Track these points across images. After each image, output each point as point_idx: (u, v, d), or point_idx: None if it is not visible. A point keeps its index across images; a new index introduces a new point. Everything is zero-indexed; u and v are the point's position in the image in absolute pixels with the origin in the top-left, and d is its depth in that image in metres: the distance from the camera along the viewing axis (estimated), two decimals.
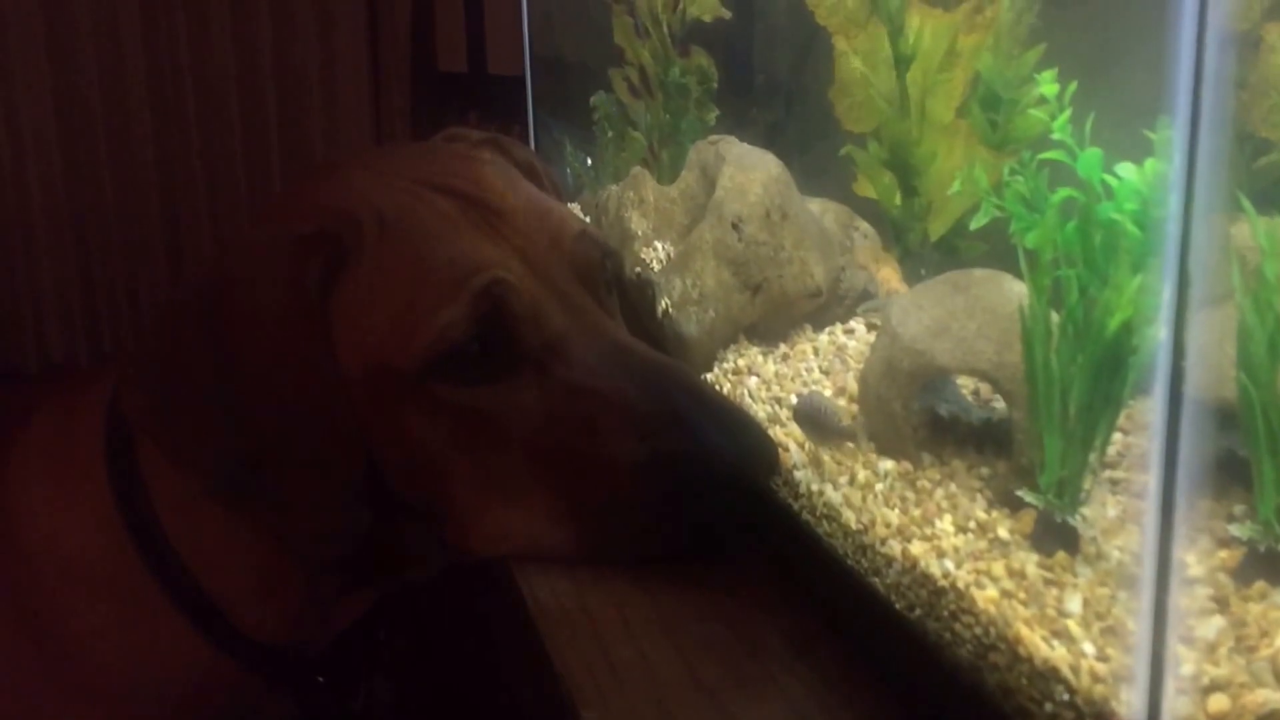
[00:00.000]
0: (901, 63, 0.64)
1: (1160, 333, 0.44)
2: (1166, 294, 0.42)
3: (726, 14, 0.85)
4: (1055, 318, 0.53)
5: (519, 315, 0.62)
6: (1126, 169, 0.53)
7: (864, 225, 0.78)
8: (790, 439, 0.65)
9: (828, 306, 0.75)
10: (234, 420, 0.63)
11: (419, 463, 0.65)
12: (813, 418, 0.64)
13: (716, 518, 0.63)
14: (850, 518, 0.59)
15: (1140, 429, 0.60)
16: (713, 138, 0.80)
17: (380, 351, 0.63)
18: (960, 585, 0.53)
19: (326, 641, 0.79)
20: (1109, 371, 0.51)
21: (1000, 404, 0.63)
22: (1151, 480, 0.43)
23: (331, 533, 0.65)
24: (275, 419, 0.63)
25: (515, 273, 0.63)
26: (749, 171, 0.73)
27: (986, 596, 0.52)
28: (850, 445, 0.62)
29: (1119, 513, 0.55)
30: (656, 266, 0.81)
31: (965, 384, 0.65)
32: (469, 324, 0.61)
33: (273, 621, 0.75)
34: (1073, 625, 0.49)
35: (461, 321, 0.61)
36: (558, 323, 0.63)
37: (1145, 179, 0.53)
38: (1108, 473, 0.56)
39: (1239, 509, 0.50)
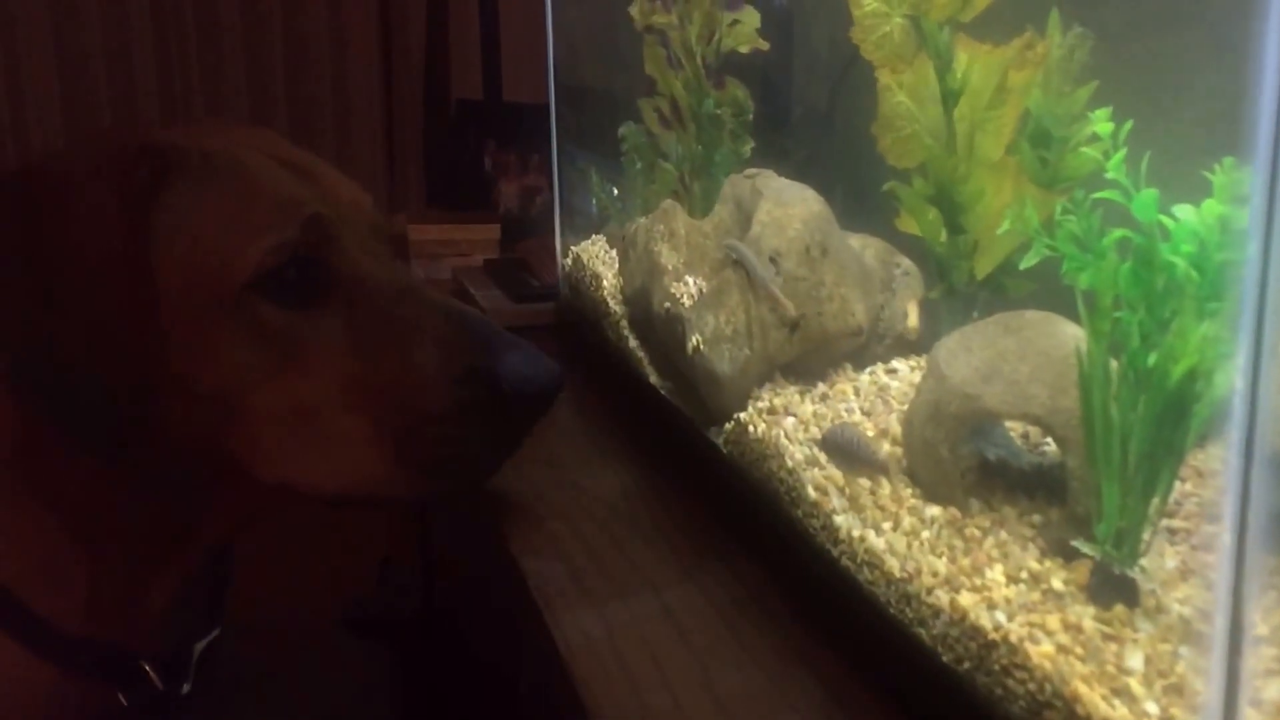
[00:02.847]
0: (949, 98, 0.62)
1: (1233, 381, 0.43)
2: (1244, 342, 0.40)
3: (764, 45, 0.84)
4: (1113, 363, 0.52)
5: (335, 250, 0.67)
6: (1184, 210, 0.52)
7: (905, 262, 0.76)
8: (830, 483, 0.64)
9: (868, 344, 0.73)
10: (42, 307, 0.63)
11: (230, 388, 0.65)
12: (842, 448, 0.64)
13: (526, 423, 0.70)
14: (894, 565, 0.57)
15: (1197, 477, 0.59)
16: (749, 171, 0.78)
17: (205, 266, 0.65)
18: (1013, 639, 0.51)
19: (155, 637, 0.74)
20: (1172, 420, 0.49)
21: (1051, 447, 0.61)
22: (1226, 535, 0.42)
23: (109, 430, 0.64)
24: (85, 313, 0.63)
25: (331, 214, 0.68)
26: (788, 207, 0.72)
27: (1041, 651, 0.50)
28: (883, 479, 0.60)
29: (1178, 564, 0.53)
30: (687, 302, 0.80)
31: (1014, 427, 0.63)
32: (295, 248, 0.65)
33: (67, 606, 0.69)
34: (1134, 683, 0.47)
35: (289, 245, 0.65)
36: (365, 262, 0.69)
37: (1204, 221, 0.51)
38: (1164, 521, 0.54)
39: None
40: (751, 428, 0.71)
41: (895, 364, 0.74)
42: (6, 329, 0.64)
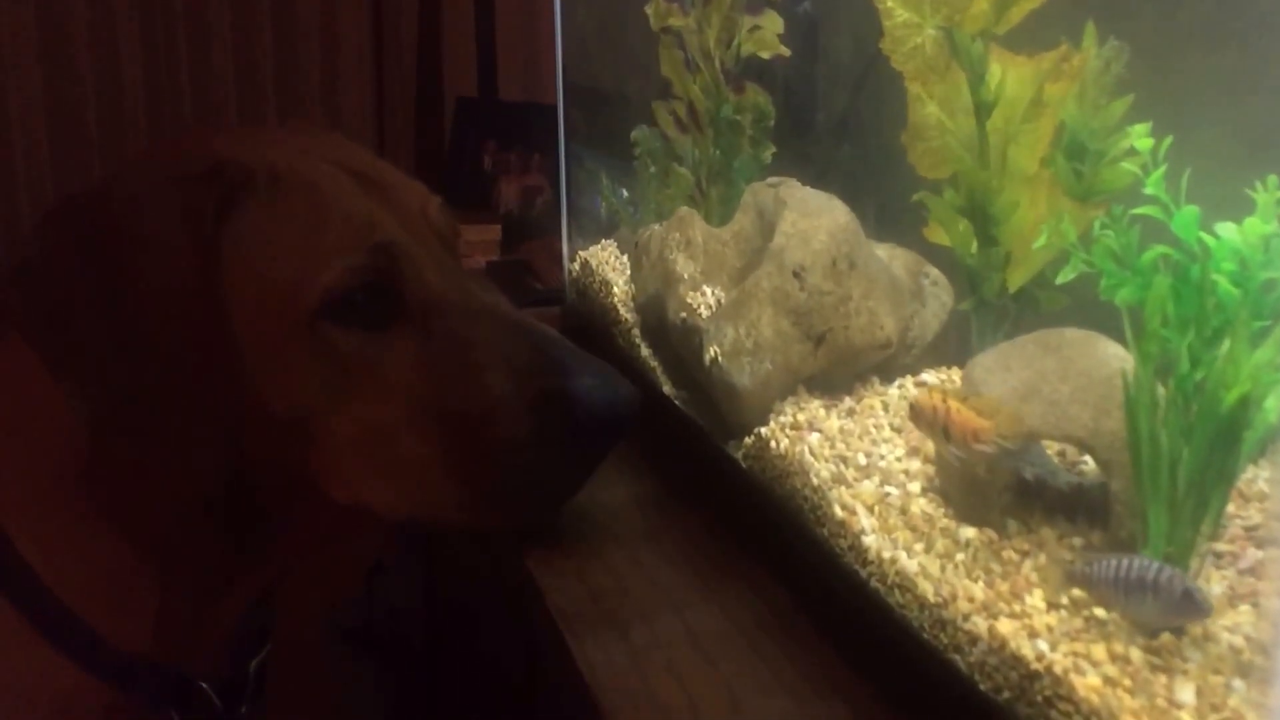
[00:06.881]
0: (982, 110, 0.61)
1: None
2: None
3: (786, 52, 0.82)
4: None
5: (406, 273, 0.66)
6: (1226, 228, 0.51)
7: (934, 272, 0.74)
8: (858, 501, 0.62)
9: (895, 356, 0.72)
10: (117, 340, 0.61)
11: (305, 413, 0.64)
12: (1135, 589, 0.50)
13: (602, 450, 0.67)
14: (927, 589, 0.56)
15: (1240, 499, 0.57)
16: (772, 180, 0.77)
17: (277, 289, 0.63)
18: (1057, 670, 0.49)
19: (213, 658, 0.73)
20: (1224, 446, 0.48)
21: (1089, 464, 0.60)
22: None
23: (198, 470, 0.63)
24: (160, 343, 0.62)
25: (401, 235, 0.67)
26: (813, 218, 0.70)
27: (1088, 684, 0.48)
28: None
29: (1226, 589, 0.52)
30: (704, 312, 0.78)
31: (1049, 444, 0.62)
32: (367, 272, 0.64)
33: (133, 628, 0.68)
34: (1186, 718, 0.46)
35: (361, 269, 0.64)
36: (436, 283, 0.67)
37: (1246, 239, 0.50)
38: (1208, 544, 0.53)
39: None
40: (773, 443, 0.69)
41: (925, 375, 0.72)
42: (80, 364, 0.62)
